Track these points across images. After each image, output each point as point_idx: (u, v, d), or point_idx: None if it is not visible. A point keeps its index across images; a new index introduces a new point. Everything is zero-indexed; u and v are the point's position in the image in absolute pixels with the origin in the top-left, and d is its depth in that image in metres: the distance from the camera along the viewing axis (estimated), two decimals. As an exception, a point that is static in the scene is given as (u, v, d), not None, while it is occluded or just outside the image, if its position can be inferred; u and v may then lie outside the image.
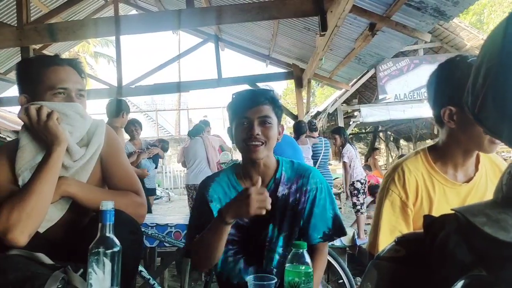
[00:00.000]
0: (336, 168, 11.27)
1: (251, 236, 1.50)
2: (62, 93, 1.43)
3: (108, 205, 1.18)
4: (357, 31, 4.91)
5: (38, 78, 1.44)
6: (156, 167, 6.37)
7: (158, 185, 16.21)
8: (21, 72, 1.50)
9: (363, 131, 18.86)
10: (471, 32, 9.86)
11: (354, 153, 5.67)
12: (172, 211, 10.05)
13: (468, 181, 1.41)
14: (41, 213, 1.32)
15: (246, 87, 7.29)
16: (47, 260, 1.29)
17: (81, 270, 1.29)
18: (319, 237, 1.49)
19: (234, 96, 1.54)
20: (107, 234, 1.17)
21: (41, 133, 1.40)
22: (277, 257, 1.48)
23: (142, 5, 8.38)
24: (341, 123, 10.35)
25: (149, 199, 5.79)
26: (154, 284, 2.42)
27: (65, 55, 10.44)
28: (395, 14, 4.03)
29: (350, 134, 13.64)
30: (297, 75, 6.92)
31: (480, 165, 1.43)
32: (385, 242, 1.40)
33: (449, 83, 1.31)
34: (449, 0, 3.47)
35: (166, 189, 16.69)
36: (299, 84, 6.94)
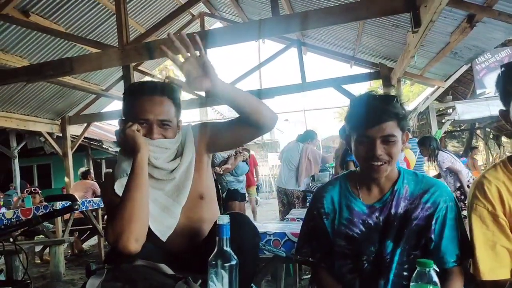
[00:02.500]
0: (429, 170, 10.62)
1: (364, 250, 1.43)
2: (144, 123, 1.51)
3: (224, 220, 1.22)
4: (453, 24, 4.58)
5: (128, 106, 1.56)
6: (248, 171, 6.57)
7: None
8: (124, 96, 1.62)
9: (458, 128, 17.56)
10: None
11: (451, 158, 5.29)
12: (260, 215, 10.21)
13: None
14: (140, 218, 1.40)
15: (331, 90, 7.17)
16: (168, 270, 1.36)
17: (200, 281, 1.35)
18: (453, 260, 1.37)
19: (352, 105, 1.45)
20: (225, 248, 1.21)
21: (127, 145, 1.49)
22: (391, 277, 1.39)
23: (226, 16, 8.66)
24: (433, 122, 9.74)
25: (235, 206, 5.96)
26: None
27: (156, 69, 11.17)
28: (498, 3, 3.69)
29: (444, 133, 12.76)
30: (384, 75, 6.64)
31: None
32: (486, 259, 1.29)
33: None
34: None
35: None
36: (387, 84, 6.65)
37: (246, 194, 7.44)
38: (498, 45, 8.45)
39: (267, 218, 9.72)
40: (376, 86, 18.28)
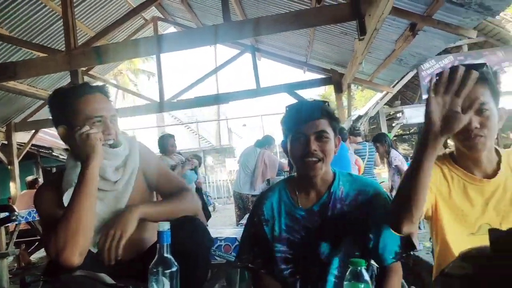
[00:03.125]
0: (381, 172, 11.00)
1: (305, 253, 1.46)
2: (99, 121, 1.50)
3: (164, 226, 1.22)
4: (397, 32, 4.80)
5: (73, 108, 1.50)
6: (196, 179, 6.54)
7: (203, 196, 16.47)
8: (55, 104, 1.57)
9: (407, 132, 18.33)
10: (518, 24, 9.41)
11: (402, 158, 5.53)
12: (218, 221, 10.16)
13: (488, 177, 1.40)
14: (86, 230, 1.38)
15: (284, 95, 7.29)
16: (109, 280, 1.34)
17: (142, 289, 1.33)
18: (392, 257, 1.43)
19: (287, 109, 1.51)
20: (165, 255, 1.21)
21: (81, 152, 1.46)
22: (332, 279, 1.42)
23: (180, 21, 8.60)
24: (383, 126, 10.12)
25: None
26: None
27: (109, 74, 10.89)
28: (437, 13, 3.91)
29: (394, 136, 13.28)
30: (336, 80, 6.83)
31: (503, 165, 1.41)
32: None
33: None
34: (495, -6, 3.33)
35: (213, 198, 16.92)
36: (338, 89, 6.84)
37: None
38: (441, 52, 8.93)
39: (225, 224, 9.70)
40: (330, 93, 18.74)
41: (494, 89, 1.36)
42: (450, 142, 1.52)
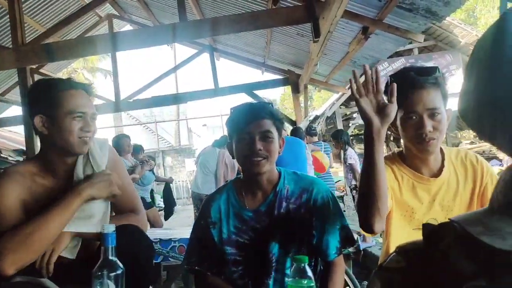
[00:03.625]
0: (338, 171, 11.27)
1: (255, 255, 1.46)
2: (80, 117, 1.47)
3: (109, 228, 1.20)
4: (350, 35, 4.95)
5: (56, 101, 1.47)
6: (154, 179, 6.45)
7: (161, 197, 16.18)
8: (36, 93, 1.53)
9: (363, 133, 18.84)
10: (464, 29, 9.90)
11: (357, 157, 5.68)
12: (177, 222, 10.03)
13: (435, 176, 1.46)
14: (44, 248, 1.35)
15: (243, 95, 7.32)
16: (51, 285, 1.30)
17: (86, 293, 1.30)
18: (334, 252, 1.47)
19: (232, 111, 1.52)
20: (110, 257, 1.19)
21: (102, 182, 1.49)
22: (282, 277, 1.44)
23: (136, 19, 8.43)
24: (340, 126, 10.37)
25: (149, 213, 5.81)
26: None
27: (62, 72, 10.50)
28: (387, 17, 4.06)
29: (350, 135, 13.62)
30: (293, 81, 6.94)
31: (447, 162, 1.48)
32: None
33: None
34: (440, 0, 3.50)
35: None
36: (295, 90, 6.96)
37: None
38: (394, 55, 9.26)
39: (183, 225, 9.59)
40: (289, 93, 18.91)
41: (444, 92, 1.42)
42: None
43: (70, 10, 6.95)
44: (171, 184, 8.02)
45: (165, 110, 25.10)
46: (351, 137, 16.01)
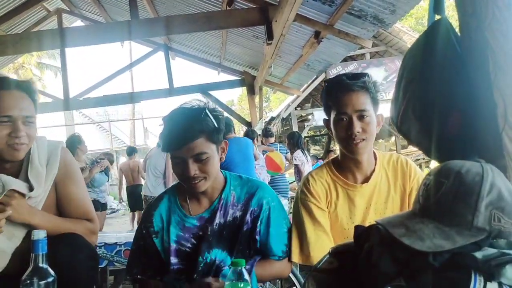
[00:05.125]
0: (293, 172, 11.47)
1: (196, 263, 1.42)
2: (6, 121, 1.35)
3: (40, 235, 1.15)
4: (303, 39, 5.03)
5: None
6: (108, 180, 6.24)
7: (114, 198, 15.75)
8: None
9: (319, 133, 19.25)
10: (413, 36, 10.34)
11: (305, 158, 5.77)
12: (129, 225, 9.78)
13: (367, 180, 1.52)
14: None
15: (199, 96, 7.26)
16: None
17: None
18: (279, 256, 1.47)
19: (165, 124, 1.41)
20: (40, 265, 1.14)
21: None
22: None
23: (88, 15, 8.16)
24: (295, 128, 10.52)
25: (101, 216, 5.63)
26: (105, 305, 2.36)
27: (8, 68, 9.99)
28: (338, 22, 4.17)
29: (305, 137, 13.86)
30: (248, 82, 6.97)
31: (378, 166, 1.54)
32: (315, 246, 1.48)
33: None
34: (387, 8, 3.64)
35: (123, 201, 16.24)
36: (251, 91, 7.00)
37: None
38: (347, 59, 9.53)
39: (135, 227, 9.34)
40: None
41: (374, 97, 1.48)
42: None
43: (15, 3, 6.62)
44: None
45: (120, 109, 24.46)
46: (307, 138, 16.32)
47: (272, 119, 10.47)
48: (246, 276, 1.15)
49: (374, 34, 4.51)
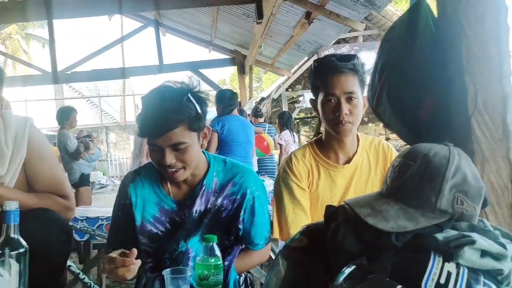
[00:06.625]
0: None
1: (170, 249, 1.38)
2: None
3: (11, 206, 1.15)
4: (294, 19, 4.98)
5: None
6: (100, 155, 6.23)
7: (103, 174, 15.74)
8: None
9: (309, 115, 19.26)
10: (407, 20, 10.27)
11: (291, 139, 5.78)
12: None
13: (349, 161, 1.53)
14: None
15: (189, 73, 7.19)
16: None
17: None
18: (262, 243, 1.46)
19: (142, 105, 1.31)
20: (12, 235, 1.14)
21: None
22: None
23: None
24: (285, 109, 10.50)
25: (89, 190, 5.63)
26: (84, 278, 2.38)
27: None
28: (329, 3, 4.13)
29: (296, 119, 13.88)
30: (239, 62, 6.92)
31: (360, 148, 1.56)
32: (293, 224, 1.51)
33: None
34: (378, -9, 3.61)
35: (112, 177, 16.23)
36: (241, 71, 6.95)
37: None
38: (340, 41, 9.47)
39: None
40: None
41: (362, 79, 1.48)
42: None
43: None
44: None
45: (110, 85, 24.18)
46: (298, 120, 16.30)
47: (263, 99, 10.44)
48: (218, 252, 1.16)
49: (367, 17, 4.49)
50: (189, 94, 1.27)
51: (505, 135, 0.92)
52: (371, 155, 1.57)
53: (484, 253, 0.79)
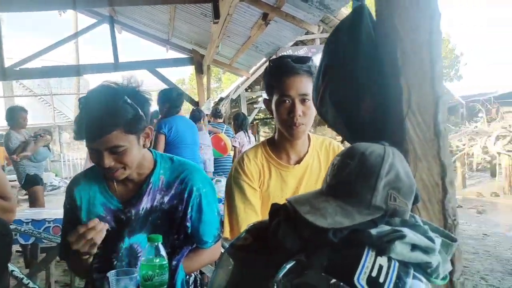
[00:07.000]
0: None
1: (113, 248, 1.37)
2: None
3: None
4: (251, 20, 5.01)
5: None
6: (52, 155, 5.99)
7: (56, 175, 15.15)
8: None
9: (269, 116, 19.40)
10: (362, 24, 10.57)
11: (246, 140, 5.80)
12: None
13: (300, 161, 1.56)
14: None
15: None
16: None
17: None
18: (211, 241, 1.46)
19: (80, 106, 1.28)
20: None
21: None
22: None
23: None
24: (244, 109, 10.54)
25: (38, 191, 5.40)
26: (28, 283, 2.28)
27: None
28: (285, 5, 4.18)
29: (256, 119, 13.95)
30: (197, 61, 6.87)
31: (311, 148, 1.59)
32: (243, 224, 1.49)
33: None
34: (332, -5, 3.70)
35: (65, 178, 15.65)
36: (199, 70, 6.90)
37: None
38: (298, 43, 9.60)
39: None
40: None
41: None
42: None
43: None
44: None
45: (64, 82, 23.31)
46: (258, 121, 16.39)
47: (221, 99, 10.42)
48: (163, 251, 1.15)
49: (324, 20, 4.58)
50: (126, 97, 1.24)
51: (436, 135, 0.97)
52: (321, 155, 1.60)
53: (414, 247, 0.83)
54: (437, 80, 0.97)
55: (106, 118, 1.20)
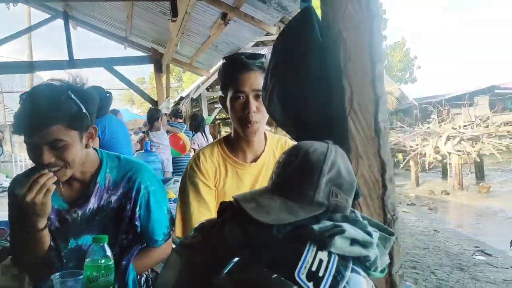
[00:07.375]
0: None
1: (59, 248, 1.35)
2: None
3: None
4: (210, 19, 5.00)
5: None
6: (1, 154, 5.72)
7: (7, 176, 14.47)
8: None
9: (229, 116, 19.31)
10: (321, 27, 10.76)
11: (205, 141, 5.79)
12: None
13: (256, 160, 1.57)
14: None
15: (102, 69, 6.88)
16: None
17: None
18: (161, 239, 1.45)
19: (20, 105, 1.24)
20: None
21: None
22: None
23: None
24: (204, 109, 10.46)
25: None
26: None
27: None
28: (244, 5, 4.20)
29: (216, 119, 13.88)
30: (156, 60, 6.77)
31: (267, 147, 1.61)
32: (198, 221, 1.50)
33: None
34: (289, -4, 3.76)
35: (16, 180, 14.94)
36: (158, 69, 6.80)
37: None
38: (259, 44, 9.65)
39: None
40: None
41: None
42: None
43: None
44: None
45: (16, 79, 22.29)
46: (219, 121, 16.30)
47: (182, 99, 10.30)
48: (109, 252, 1.13)
49: (283, 21, 4.61)
50: (69, 92, 1.22)
51: (377, 133, 1.01)
52: (277, 154, 1.61)
53: (353, 241, 0.86)
54: (377, 81, 1.01)
55: (47, 111, 1.17)
